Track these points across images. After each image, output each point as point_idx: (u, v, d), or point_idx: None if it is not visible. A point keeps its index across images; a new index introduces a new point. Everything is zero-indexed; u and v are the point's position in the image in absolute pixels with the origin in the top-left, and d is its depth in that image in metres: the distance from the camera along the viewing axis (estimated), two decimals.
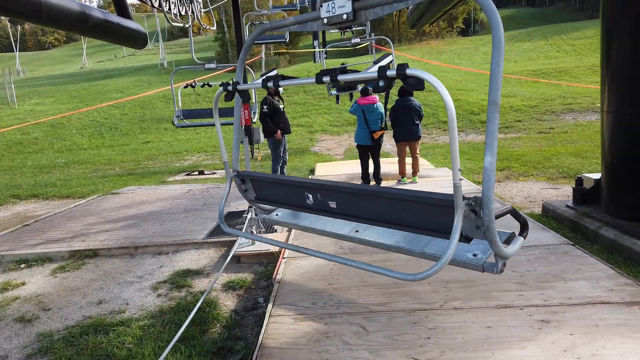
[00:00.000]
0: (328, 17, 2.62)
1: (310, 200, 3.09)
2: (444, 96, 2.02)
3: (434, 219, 2.46)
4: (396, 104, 8.00)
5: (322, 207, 3.06)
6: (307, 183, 3.10)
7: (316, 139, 16.61)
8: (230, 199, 8.09)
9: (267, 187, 3.41)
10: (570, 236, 5.52)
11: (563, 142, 12.00)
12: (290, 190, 3.24)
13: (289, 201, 3.30)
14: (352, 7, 2.55)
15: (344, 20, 2.59)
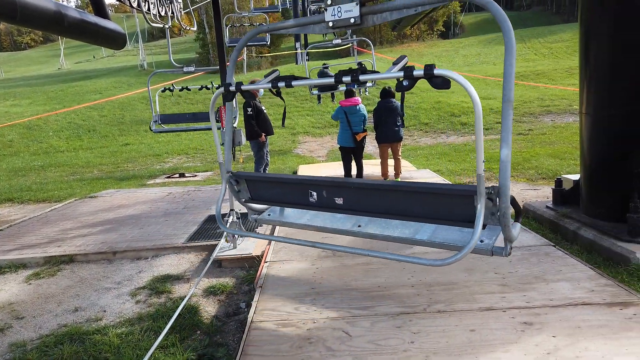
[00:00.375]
0: (333, 21, 2.66)
1: (314, 197, 3.11)
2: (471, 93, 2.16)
3: (450, 209, 2.59)
4: (378, 105, 7.99)
5: (327, 204, 3.10)
6: (312, 180, 3.13)
7: (299, 141, 16.54)
8: (212, 202, 7.98)
9: (265, 187, 3.40)
10: (551, 237, 5.56)
11: (542, 144, 12.16)
12: (293, 188, 3.24)
13: (289, 199, 3.30)
14: (359, 12, 2.61)
15: (351, 24, 2.64)
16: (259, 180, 3.42)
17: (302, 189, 3.18)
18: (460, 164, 10.57)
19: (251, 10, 20.31)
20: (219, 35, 7.40)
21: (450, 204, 2.60)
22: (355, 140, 7.89)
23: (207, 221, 6.65)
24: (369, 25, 2.74)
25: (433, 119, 17.04)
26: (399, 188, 2.86)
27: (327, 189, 3.09)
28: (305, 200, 3.19)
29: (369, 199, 2.97)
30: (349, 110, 7.83)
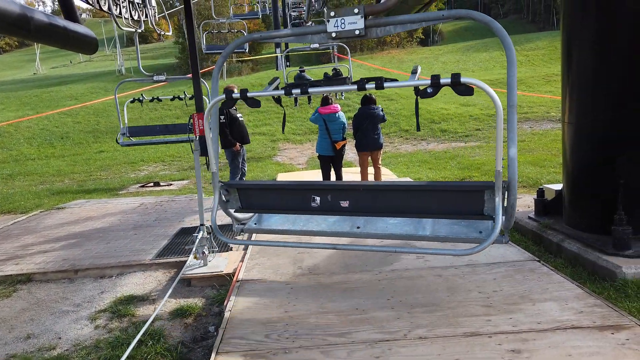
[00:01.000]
0: (337, 32, 2.73)
1: (316, 202, 3.14)
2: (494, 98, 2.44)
3: (460, 204, 2.82)
4: (359, 112, 7.75)
5: (331, 208, 3.14)
6: (318, 185, 3.21)
7: (278, 148, 16.25)
8: (185, 213, 7.63)
9: (258, 195, 3.38)
10: (534, 249, 5.38)
11: (521, 151, 12.10)
12: (292, 194, 3.26)
13: (287, 206, 3.30)
14: (364, 24, 2.69)
15: (356, 35, 2.72)
16: (253, 189, 3.38)
17: (303, 194, 3.17)
18: (441, 172, 10.41)
19: (230, 16, 19.99)
20: (192, 42, 7.09)
21: (460, 200, 2.83)
22: (334, 149, 7.64)
23: (179, 235, 6.31)
24: (373, 37, 2.82)
25: (413, 125, 16.93)
26: (410, 187, 3.05)
27: (333, 193, 3.12)
28: (306, 206, 3.18)
29: (378, 200, 3.04)
30: (328, 118, 7.58)
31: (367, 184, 3.37)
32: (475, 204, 2.88)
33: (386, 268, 4.40)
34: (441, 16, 2.75)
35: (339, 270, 4.41)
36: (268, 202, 3.39)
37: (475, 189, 2.89)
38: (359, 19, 2.72)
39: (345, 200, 3.15)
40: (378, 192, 3.10)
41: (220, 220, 6.90)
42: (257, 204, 3.41)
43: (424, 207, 3.03)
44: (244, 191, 3.37)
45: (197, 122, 6.97)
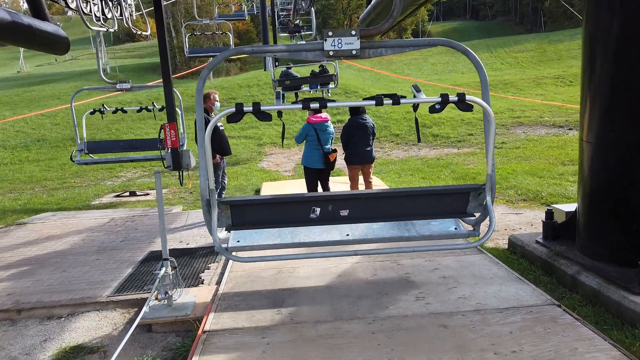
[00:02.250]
0: (334, 51, 2.90)
1: (316, 213, 3.18)
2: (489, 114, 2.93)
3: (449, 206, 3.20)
4: (350, 122, 7.03)
5: (332, 217, 3.22)
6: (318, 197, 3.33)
7: (265, 153, 15.49)
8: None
9: (254, 210, 3.29)
10: (545, 281, 4.73)
11: (517, 159, 11.50)
12: (292, 207, 3.26)
13: (284, 220, 3.29)
14: (360, 45, 2.90)
15: (352, 55, 2.93)
16: (247, 204, 3.28)
17: (303, 207, 3.20)
18: (435, 182, 9.75)
19: (215, 17, 19.11)
20: (162, 44, 6.31)
21: (450, 201, 3.21)
22: (327, 161, 6.94)
23: (146, 261, 5.55)
24: (366, 57, 3.04)
25: (404, 130, 16.28)
26: (406, 193, 3.31)
27: (333, 203, 3.20)
28: (305, 217, 3.21)
29: (377, 207, 3.24)
30: (319, 127, 6.87)
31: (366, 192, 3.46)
32: (462, 204, 3.28)
33: (381, 313, 3.70)
34: (427, 43, 3.22)
35: (326, 317, 3.70)
36: (263, 217, 3.32)
37: (463, 191, 3.27)
38: (355, 40, 2.90)
39: (345, 209, 3.24)
40: (378, 199, 3.26)
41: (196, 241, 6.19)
42: (251, 220, 3.31)
43: (417, 210, 3.31)
44: (237, 207, 3.25)
45: (169, 133, 6.21)
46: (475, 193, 3.28)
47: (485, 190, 3.14)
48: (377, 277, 4.44)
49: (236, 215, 3.28)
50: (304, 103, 2.92)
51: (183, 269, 5.19)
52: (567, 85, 25.60)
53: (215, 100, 7.17)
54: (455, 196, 3.30)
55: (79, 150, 6.72)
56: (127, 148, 7.20)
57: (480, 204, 3.25)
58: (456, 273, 4.43)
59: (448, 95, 2.86)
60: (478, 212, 3.32)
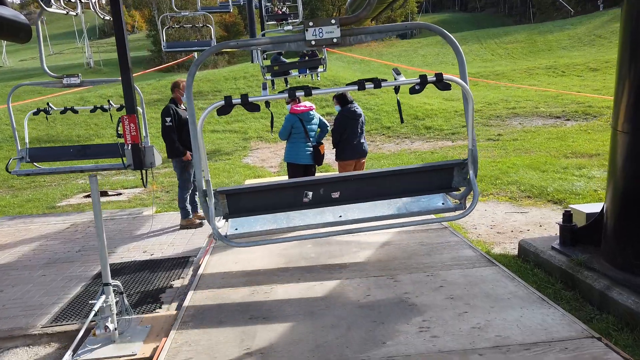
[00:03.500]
0: (316, 40, 3.01)
1: (308, 197, 3.30)
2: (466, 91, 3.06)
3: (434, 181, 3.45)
4: (343, 112, 6.19)
5: (324, 200, 3.34)
6: (310, 181, 3.40)
7: (250, 147, 14.59)
8: (120, 240, 6.02)
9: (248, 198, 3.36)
10: (568, 296, 3.97)
11: (516, 151, 10.74)
12: (286, 192, 3.35)
13: (279, 205, 3.36)
14: (340, 33, 3.01)
15: (333, 43, 3.05)
16: (242, 192, 3.38)
17: (296, 191, 3.30)
18: None
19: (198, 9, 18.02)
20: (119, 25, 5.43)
21: (436, 177, 3.45)
22: (316, 155, 6.12)
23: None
24: (347, 45, 3.12)
25: (395, 122, 15.45)
26: (394, 172, 3.47)
27: (325, 186, 3.30)
28: (298, 201, 3.31)
29: (367, 187, 3.38)
30: (305, 117, 6.04)
31: (355, 173, 3.54)
32: (447, 179, 3.39)
33: (376, 352, 2.88)
34: (404, 27, 3.25)
35: (308, 358, 2.88)
36: (258, 203, 3.40)
37: (447, 166, 3.39)
38: (336, 29, 2.98)
39: (336, 191, 3.32)
40: (367, 180, 3.39)
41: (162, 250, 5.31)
42: (247, 207, 3.39)
43: (405, 188, 3.41)
44: (232, 196, 3.34)
45: (128, 127, 5.34)
46: (459, 168, 3.42)
47: (468, 164, 3.28)
48: (371, 298, 3.63)
49: (232, 204, 3.34)
50: (289, 92, 2.97)
51: (141, 286, 4.35)
52: (559, 76, 24.94)
53: (184, 89, 6.29)
54: (441, 172, 3.44)
55: (19, 159, 5.78)
56: (78, 155, 6.24)
57: (465, 177, 3.38)
58: (465, 292, 3.63)
59: (426, 75, 2.97)
60: (463, 187, 3.44)
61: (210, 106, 2.96)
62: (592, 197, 6.89)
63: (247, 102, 2.92)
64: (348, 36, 3.06)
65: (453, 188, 3.48)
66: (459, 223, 6.37)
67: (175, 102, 6.26)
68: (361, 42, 3.27)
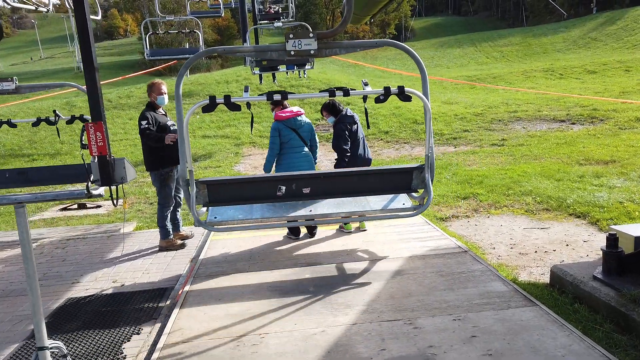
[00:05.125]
0: (295, 50, 3.26)
1: (282, 191, 3.61)
2: (425, 104, 3.37)
3: (394, 183, 3.78)
4: (343, 118, 5.40)
5: (295, 194, 3.66)
6: (284, 176, 3.66)
7: (242, 154, 13.76)
8: (89, 265, 5.19)
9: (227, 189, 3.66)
10: (624, 342, 3.23)
11: (524, 158, 10.00)
12: (261, 185, 3.68)
13: (254, 196, 3.68)
14: (317, 46, 3.30)
15: (310, 54, 3.31)
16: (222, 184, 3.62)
17: (271, 185, 3.61)
18: (434, 187, 8.19)
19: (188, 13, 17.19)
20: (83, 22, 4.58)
21: (397, 179, 3.77)
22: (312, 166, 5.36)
23: (57, 315, 3.86)
24: (323, 56, 3.46)
25: (394, 126, 14.72)
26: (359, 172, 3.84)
27: (297, 182, 3.62)
28: (272, 194, 3.62)
29: (335, 184, 3.73)
30: (295, 124, 5.24)
31: (324, 172, 3.81)
32: (407, 181, 3.75)
33: None
34: (374, 44, 3.57)
35: None
36: (236, 194, 3.65)
37: (407, 170, 3.74)
38: (313, 42, 3.26)
39: (307, 187, 3.63)
40: (336, 178, 3.75)
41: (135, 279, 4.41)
42: (225, 197, 3.64)
43: (370, 187, 3.77)
44: (212, 186, 3.57)
45: (94, 136, 4.51)
46: (418, 172, 3.73)
47: (425, 169, 3.59)
48: (387, 355, 2.83)
49: (212, 193, 3.58)
50: (267, 95, 3.26)
51: (100, 334, 3.52)
52: (557, 79, 24.36)
53: (161, 92, 5.47)
54: (401, 174, 3.75)
55: None
56: (17, 182, 5.27)
57: (423, 180, 3.67)
58: (507, 346, 2.84)
59: (390, 87, 3.29)
60: (422, 189, 3.73)
61: (195, 104, 3.21)
62: (619, 211, 6.15)
63: (229, 102, 3.21)
64: (324, 49, 3.34)
65: (412, 189, 3.81)
66: (476, 242, 5.60)
67: (152, 107, 5.44)
68: (336, 54, 3.53)
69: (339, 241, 5.33)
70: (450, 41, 43.91)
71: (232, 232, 5.79)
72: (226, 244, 5.35)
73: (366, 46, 3.53)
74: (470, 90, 22.70)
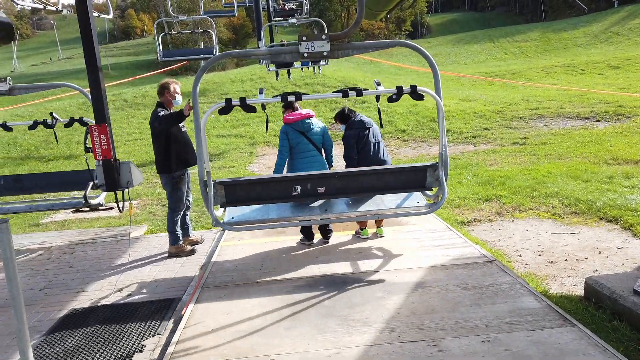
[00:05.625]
0: (308, 52, 3.34)
1: (297, 191, 3.65)
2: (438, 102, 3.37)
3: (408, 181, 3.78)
4: (349, 126, 5.10)
5: (311, 194, 3.70)
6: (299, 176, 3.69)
7: (256, 154, 13.55)
8: (96, 272, 5.00)
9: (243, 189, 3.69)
10: None
11: (548, 157, 9.56)
12: (278, 185, 3.70)
13: (270, 196, 3.71)
14: (329, 47, 3.36)
15: (323, 55, 3.38)
16: (239, 184, 3.67)
17: (286, 184, 3.65)
18: (457, 189, 7.84)
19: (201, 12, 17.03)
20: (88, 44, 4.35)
21: (409, 178, 3.78)
22: None
23: (58, 329, 3.65)
24: (335, 57, 3.50)
25: (411, 124, 14.34)
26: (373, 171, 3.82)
27: (312, 181, 3.66)
28: (288, 194, 3.67)
29: (347, 184, 3.74)
30: (304, 127, 4.94)
31: (339, 171, 3.80)
32: (421, 179, 3.75)
33: None
34: (386, 44, 3.55)
35: None
36: (252, 194, 3.67)
37: (421, 168, 3.72)
38: (326, 43, 3.34)
39: (322, 186, 3.67)
40: (350, 177, 3.74)
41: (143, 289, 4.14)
42: (242, 197, 3.68)
43: (384, 185, 3.78)
44: (229, 187, 3.64)
45: (98, 139, 4.31)
46: (432, 170, 3.72)
47: (439, 167, 3.59)
48: None
49: (229, 194, 3.64)
50: (282, 96, 3.36)
51: (101, 350, 3.30)
52: (579, 74, 23.61)
53: (175, 92, 5.24)
54: (415, 173, 3.75)
55: None
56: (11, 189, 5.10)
57: (437, 179, 3.66)
58: None
59: (402, 87, 3.33)
60: (436, 187, 3.72)
61: (212, 106, 3.24)
62: None
63: (245, 104, 3.27)
64: (337, 50, 3.39)
65: (427, 187, 3.79)
66: (501, 249, 5.25)
67: (164, 107, 5.21)
68: (348, 55, 3.54)
69: (355, 248, 5.04)
70: (467, 37, 43.11)
71: (243, 238, 5.54)
72: (237, 251, 5.10)
73: (378, 47, 3.59)
74: (489, 86, 22.13)
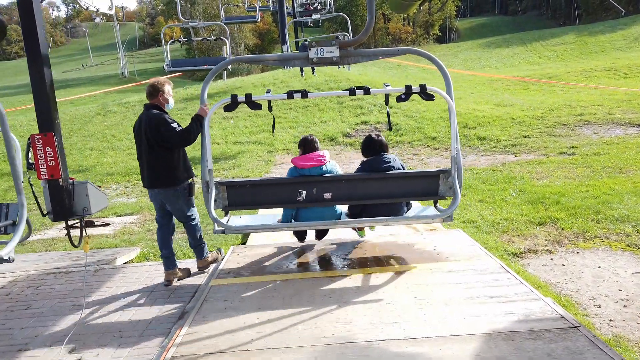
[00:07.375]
0: (317, 58, 3.38)
1: (302, 196, 3.49)
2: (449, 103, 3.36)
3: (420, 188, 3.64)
4: (365, 166, 3.98)
5: (316, 199, 3.53)
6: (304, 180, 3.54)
7: (275, 162, 12.48)
8: (58, 313, 3.95)
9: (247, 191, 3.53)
10: None
11: (606, 171, 8.14)
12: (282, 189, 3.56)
13: (274, 200, 3.56)
14: (339, 54, 3.37)
15: (332, 61, 3.42)
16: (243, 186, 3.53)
17: (291, 188, 3.49)
18: (500, 209, 6.54)
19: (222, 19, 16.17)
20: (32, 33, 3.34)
21: (420, 184, 3.64)
22: None
23: None
24: (344, 64, 3.54)
25: (442, 131, 13.02)
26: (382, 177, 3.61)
27: (318, 186, 3.49)
28: (293, 199, 3.51)
29: (355, 190, 3.56)
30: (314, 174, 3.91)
31: (347, 175, 3.63)
32: (433, 186, 3.61)
33: None
34: (397, 52, 3.54)
35: None
36: (256, 197, 3.50)
37: (433, 174, 3.62)
38: (335, 49, 3.37)
39: (328, 192, 3.49)
40: (357, 182, 3.56)
41: None
42: (245, 201, 3.50)
43: (394, 192, 3.61)
44: (232, 188, 3.47)
45: (43, 152, 3.27)
46: (444, 176, 3.63)
47: (452, 171, 3.46)
48: None
49: (232, 196, 3.50)
50: (288, 94, 3.32)
51: None
52: (622, 78, 21.76)
53: (169, 94, 4.19)
54: (427, 178, 3.64)
55: None
56: None
57: (450, 187, 3.55)
58: None
59: (411, 85, 3.30)
60: (450, 196, 3.59)
61: (217, 102, 3.30)
62: None
63: (250, 100, 3.28)
64: (346, 57, 3.43)
65: (439, 195, 3.65)
66: (571, 295, 3.97)
67: (159, 109, 4.11)
68: (358, 62, 3.49)
69: (381, 297, 3.77)
70: (497, 41, 41.27)
71: (241, 275, 4.41)
72: (229, 295, 3.94)
73: (388, 54, 3.50)
74: (524, 91, 20.54)
